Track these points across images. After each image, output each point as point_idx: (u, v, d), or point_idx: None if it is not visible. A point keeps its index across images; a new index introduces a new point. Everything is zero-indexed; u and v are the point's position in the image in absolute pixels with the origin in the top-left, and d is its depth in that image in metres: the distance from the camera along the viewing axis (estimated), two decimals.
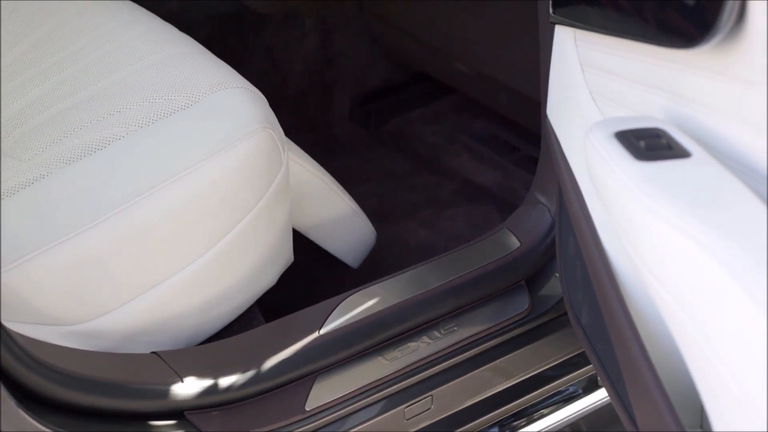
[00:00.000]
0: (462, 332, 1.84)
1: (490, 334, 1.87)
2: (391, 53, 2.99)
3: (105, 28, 2.04)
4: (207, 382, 1.65)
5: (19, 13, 2.13)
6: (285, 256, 1.96)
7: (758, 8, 1.10)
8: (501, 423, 1.95)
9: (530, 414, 1.98)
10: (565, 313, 1.80)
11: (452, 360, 1.83)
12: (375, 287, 1.85)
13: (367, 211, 2.21)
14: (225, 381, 1.66)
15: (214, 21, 2.77)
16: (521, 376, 1.93)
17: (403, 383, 1.79)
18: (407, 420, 1.80)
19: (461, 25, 2.52)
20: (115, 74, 1.90)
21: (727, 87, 1.19)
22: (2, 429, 1.44)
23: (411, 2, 2.68)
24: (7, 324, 1.45)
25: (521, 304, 1.89)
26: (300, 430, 1.70)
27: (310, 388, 1.72)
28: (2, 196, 1.64)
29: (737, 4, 1.12)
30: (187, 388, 1.63)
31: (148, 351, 1.68)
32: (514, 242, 1.95)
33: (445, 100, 2.97)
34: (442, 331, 1.84)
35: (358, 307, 1.80)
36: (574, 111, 1.56)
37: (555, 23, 1.61)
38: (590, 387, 2.01)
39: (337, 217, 2.13)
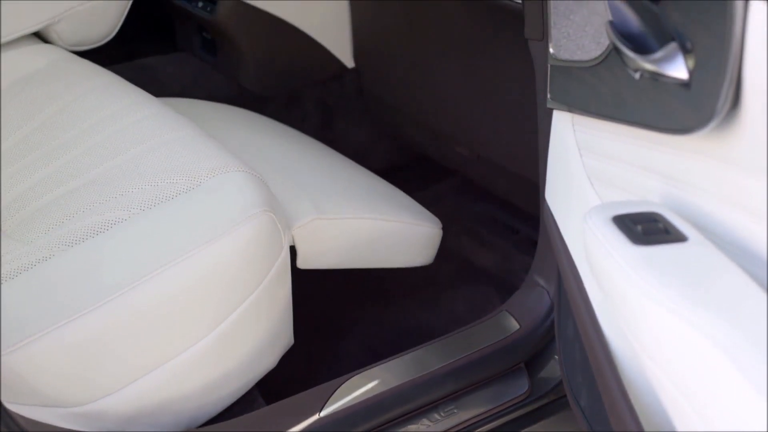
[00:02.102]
0: (462, 414, 1.84)
1: (490, 416, 1.87)
2: (390, 135, 3.01)
3: (107, 111, 2.07)
4: None
5: (23, 97, 2.16)
6: (285, 338, 1.96)
7: (753, 95, 1.12)
8: None
9: None
10: (565, 396, 1.80)
11: None
12: (375, 369, 1.85)
13: (367, 291, 2.21)
14: None
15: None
16: None
17: None
18: None
19: (461, 109, 2.55)
20: (117, 158, 1.92)
21: (723, 172, 1.20)
22: None
23: (410, 85, 2.71)
24: (8, 405, 1.45)
25: (521, 386, 1.89)
26: None
27: None
28: (4, 279, 1.65)
29: (732, 90, 1.14)
30: None
31: None
32: (514, 325, 1.96)
33: (445, 183, 2.98)
34: (442, 414, 1.84)
35: (359, 389, 1.80)
36: (573, 195, 1.58)
37: (553, 108, 1.63)
38: None
39: (401, 238, 2.17)
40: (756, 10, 1.09)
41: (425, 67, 2.61)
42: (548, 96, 1.61)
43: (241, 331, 1.79)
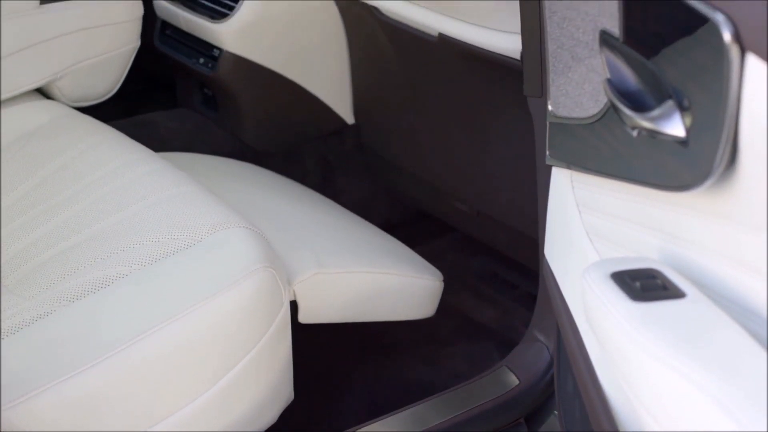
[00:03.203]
0: None
1: None
2: (391, 192, 3.02)
3: (108, 168, 2.08)
4: None
5: (26, 153, 2.18)
6: (285, 393, 1.96)
7: (749, 152, 1.13)
8: None
9: None
10: None
11: None
12: (375, 425, 1.85)
13: (367, 346, 2.22)
14: None
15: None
16: None
17: None
18: None
19: (460, 165, 2.56)
20: (119, 213, 1.93)
21: (721, 228, 1.21)
22: None
23: (410, 141, 2.72)
24: None
25: None
26: None
27: None
28: (5, 334, 1.65)
29: (729, 148, 1.15)
30: None
31: None
32: (513, 380, 1.96)
33: (445, 238, 2.99)
34: None
35: None
36: (572, 251, 1.58)
37: (552, 165, 1.65)
38: None
39: (402, 290, 2.18)
40: (752, 68, 1.10)
41: (424, 124, 2.62)
42: (547, 153, 1.62)
43: (241, 387, 1.79)
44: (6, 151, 2.20)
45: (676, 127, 1.20)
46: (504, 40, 2.07)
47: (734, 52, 1.10)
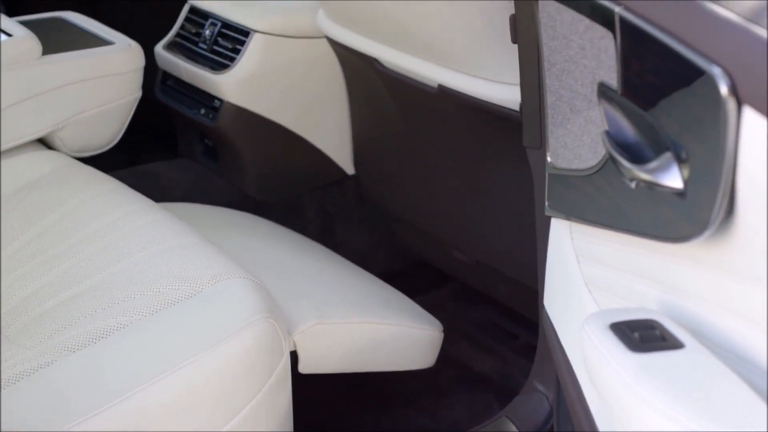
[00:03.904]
0: None
1: None
2: (391, 241, 3.03)
3: (109, 218, 2.09)
4: None
5: (27, 203, 2.18)
6: None
7: (747, 204, 1.14)
8: None
9: None
10: None
11: None
12: None
13: (367, 396, 2.21)
14: None
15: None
16: None
17: None
18: None
19: (460, 215, 2.57)
20: (120, 264, 1.94)
21: (719, 279, 1.21)
22: None
23: (410, 192, 2.73)
24: None
25: None
26: None
27: None
28: (5, 384, 1.65)
29: (726, 200, 1.15)
30: None
31: None
32: (513, 430, 1.95)
33: (445, 288, 2.99)
34: None
35: None
36: (571, 301, 1.59)
37: (551, 216, 1.65)
38: None
39: (400, 341, 2.18)
40: (748, 120, 1.11)
41: (424, 174, 2.63)
42: (546, 203, 1.63)
43: None
44: (7, 201, 2.21)
45: (673, 178, 1.21)
46: (503, 91, 2.08)
47: (731, 104, 1.11)
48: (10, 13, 2.87)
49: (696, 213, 1.19)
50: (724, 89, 1.12)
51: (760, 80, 1.09)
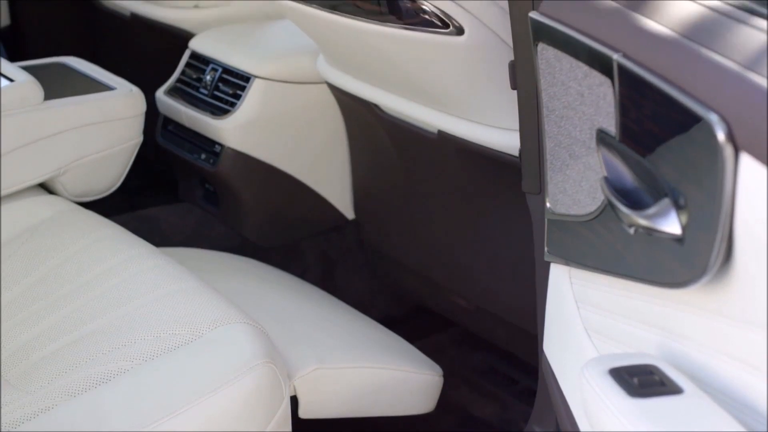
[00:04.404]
0: None
1: None
2: (391, 286, 3.03)
3: (110, 263, 2.09)
4: None
5: (28, 247, 2.19)
6: None
7: (744, 249, 1.14)
8: None
9: None
10: None
11: None
12: None
13: None
14: None
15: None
16: None
17: None
18: None
19: (459, 260, 2.57)
20: (120, 309, 1.94)
21: (717, 324, 1.22)
22: None
23: (410, 237, 2.74)
24: None
25: None
26: None
27: None
28: (5, 428, 1.65)
29: (724, 245, 1.16)
30: None
31: None
32: None
33: (445, 334, 2.99)
34: None
35: None
36: (570, 346, 1.59)
37: (550, 261, 1.66)
38: None
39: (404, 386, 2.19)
40: (746, 167, 1.12)
41: (424, 219, 2.64)
42: (545, 249, 1.63)
43: None
44: (9, 245, 2.22)
45: (672, 224, 1.22)
46: (503, 137, 2.09)
47: (728, 151, 1.12)
48: (13, 59, 2.88)
49: (694, 258, 1.20)
50: (721, 136, 1.13)
51: (757, 127, 1.10)
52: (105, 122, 2.54)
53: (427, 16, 2.00)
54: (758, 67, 1.16)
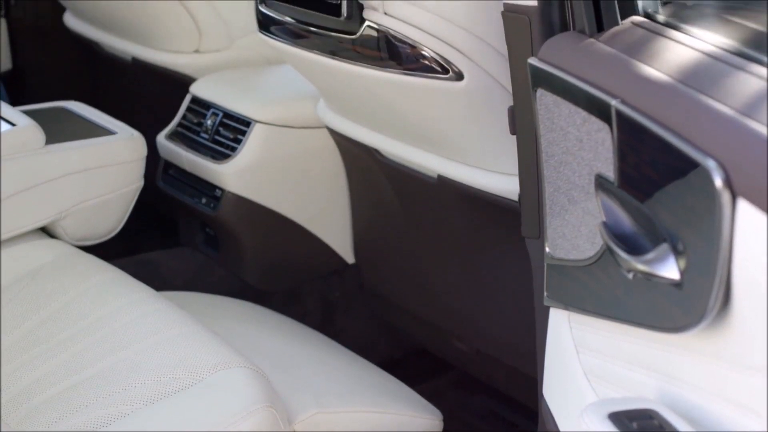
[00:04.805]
0: None
1: None
2: (390, 330, 3.03)
3: (110, 307, 2.10)
4: None
5: (29, 291, 2.20)
6: None
7: (742, 294, 1.15)
8: None
9: None
10: None
11: None
12: None
13: None
14: None
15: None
16: None
17: None
18: None
19: (459, 304, 2.57)
20: (121, 353, 1.95)
21: (716, 368, 1.22)
22: None
23: (410, 281, 2.74)
24: None
25: None
26: None
27: None
28: None
29: (722, 290, 1.17)
30: None
31: None
32: None
33: (445, 377, 2.99)
34: None
35: None
36: (570, 390, 1.59)
37: (550, 306, 1.66)
38: None
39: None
40: (743, 213, 1.13)
41: (424, 263, 2.64)
42: (545, 294, 1.64)
43: None
44: (10, 289, 2.22)
45: (670, 269, 1.23)
46: (502, 182, 2.10)
47: (725, 197, 1.13)
48: (14, 103, 2.90)
49: (693, 303, 1.20)
50: (718, 182, 1.14)
51: (754, 173, 1.11)
52: (106, 166, 2.55)
53: (426, 62, 2.01)
54: (755, 114, 1.17)
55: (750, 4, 1.66)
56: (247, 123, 2.71)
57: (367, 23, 2.05)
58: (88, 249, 2.50)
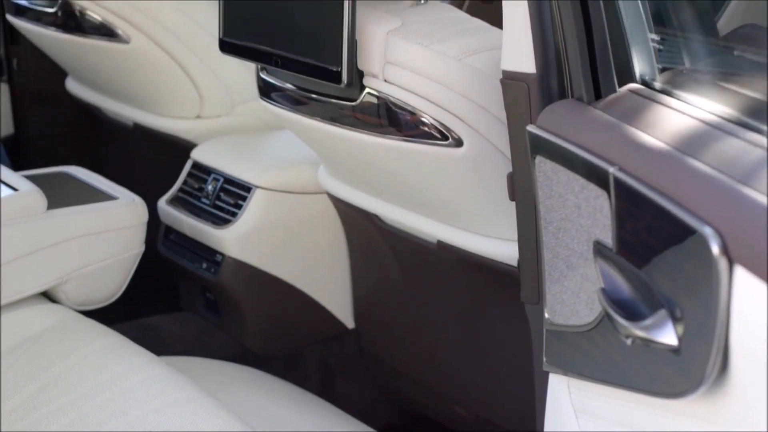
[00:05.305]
0: None
1: None
2: (390, 396, 3.02)
3: (111, 372, 2.10)
4: None
5: (30, 356, 2.20)
6: None
7: (740, 360, 1.16)
8: None
9: None
10: None
11: None
12: None
13: None
14: None
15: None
16: None
17: None
18: None
19: (459, 369, 2.57)
20: (122, 418, 1.94)
21: None
22: None
23: (410, 346, 2.74)
24: None
25: None
26: None
27: None
28: None
29: (720, 356, 1.17)
30: None
31: None
32: None
33: None
34: None
35: None
36: None
37: (549, 371, 1.67)
38: None
39: None
40: (740, 279, 1.14)
41: (424, 328, 2.65)
42: (544, 359, 1.64)
43: None
44: (10, 354, 2.22)
45: (668, 336, 1.24)
46: (501, 247, 2.11)
47: (722, 264, 1.14)
48: (16, 167, 2.92)
49: (691, 369, 1.21)
50: (715, 249, 1.15)
51: (751, 240, 1.12)
52: (107, 232, 2.56)
53: (426, 128, 2.03)
54: (752, 181, 1.18)
55: (746, 72, 1.68)
56: (247, 188, 2.73)
57: (367, 90, 2.07)
58: (88, 314, 2.51)
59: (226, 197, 2.77)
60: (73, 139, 3.73)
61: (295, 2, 2.06)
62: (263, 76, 2.32)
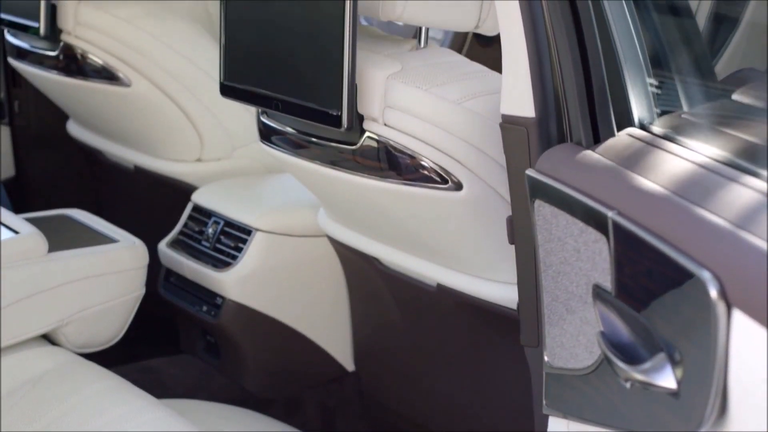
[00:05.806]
0: None
1: None
2: None
3: (112, 415, 2.10)
4: None
5: (30, 399, 2.20)
6: None
7: (739, 403, 1.16)
8: None
9: None
10: None
11: None
12: None
13: None
14: None
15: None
16: None
17: None
18: None
19: (459, 411, 2.57)
20: None
21: None
22: None
23: (410, 389, 2.74)
24: None
25: None
26: None
27: None
28: None
29: (719, 399, 1.18)
30: None
31: None
32: None
33: None
34: None
35: None
36: None
37: (549, 414, 1.67)
38: None
39: None
40: (738, 323, 1.14)
41: (424, 371, 2.65)
42: (544, 402, 1.64)
43: None
44: (10, 396, 2.22)
45: (667, 379, 1.24)
46: (501, 290, 2.11)
47: (721, 308, 1.15)
48: (17, 210, 2.92)
49: (690, 412, 1.21)
50: (713, 293, 1.15)
51: (749, 284, 1.13)
52: (108, 274, 2.56)
53: (426, 172, 2.04)
54: (749, 225, 1.19)
55: (744, 116, 1.69)
56: (248, 231, 2.74)
57: (367, 134, 2.08)
58: (89, 356, 2.51)
59: (227, 240, 2.78)
60: (74, 181, 3.74)
61: (296, 46, 2.07)
62: (264, 119, 2.33)
